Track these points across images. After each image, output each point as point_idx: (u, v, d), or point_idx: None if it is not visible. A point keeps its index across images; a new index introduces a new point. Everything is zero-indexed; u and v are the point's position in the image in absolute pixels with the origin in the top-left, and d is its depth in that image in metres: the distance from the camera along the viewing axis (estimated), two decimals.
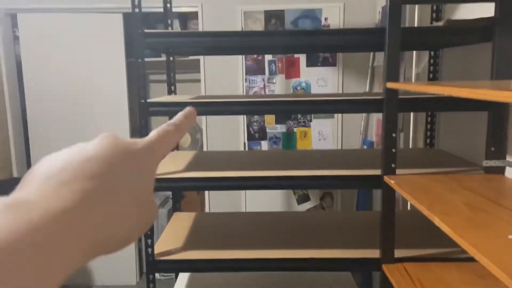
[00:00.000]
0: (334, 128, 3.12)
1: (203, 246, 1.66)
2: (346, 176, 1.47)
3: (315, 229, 1.81)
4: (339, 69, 3.07)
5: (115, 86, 3.22)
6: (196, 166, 1.71)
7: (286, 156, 1.86)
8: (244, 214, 2.06)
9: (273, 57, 3.11)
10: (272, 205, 3.21)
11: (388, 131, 1.38)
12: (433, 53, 1.91)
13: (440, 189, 1.22)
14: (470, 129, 1.67)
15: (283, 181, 1.53)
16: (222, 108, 1.52)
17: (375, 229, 1.79)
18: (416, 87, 1.15)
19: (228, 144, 3.25)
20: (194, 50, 2.07)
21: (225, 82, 3.20)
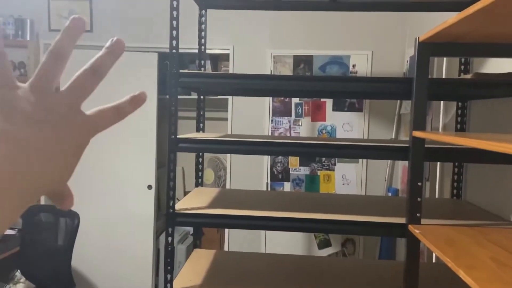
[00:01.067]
0: (358, 173, 3.11)
1: (222, 284, 1.65)
2: (369, 223, 1.46)
3: (336, 276, 1.78)
4: (365, 114, 3.09)
5: (145, 119, 3.33)
6: (218, 203, 1.73)
7: (308, 199, 1.86)
8: (264, 255, 2.04)
9: (300, 100, 3.17)
10: (292, 248, 3.17)
11: (414, 180, 1.37)
12: (461, 104, 1.91)
13: (466, 241, 1.19)
14: (498, 182, 1.64)
15: (304, 224, 1.53)
16: (247, 148, 1.55)
17: (398, 280, 1.74)
18: (442, 137, 1.16)
19: (251, 183, 3.27)
20: (224, 91, 2.15)
21: (252, 122, 3.26)
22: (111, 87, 3.32)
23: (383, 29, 3.08)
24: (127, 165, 3.35)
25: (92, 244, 3.36)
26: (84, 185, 3.37)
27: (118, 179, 3.35)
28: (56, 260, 2.48)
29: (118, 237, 3.36)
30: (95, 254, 3.37)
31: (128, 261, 3.36)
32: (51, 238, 2.57)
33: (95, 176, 3.36)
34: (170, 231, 1.55)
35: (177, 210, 1.56)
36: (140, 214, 3.35)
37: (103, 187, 3.36)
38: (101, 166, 3.36)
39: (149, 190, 3.34)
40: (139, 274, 3.36)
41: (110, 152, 3.35)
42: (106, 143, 3.36)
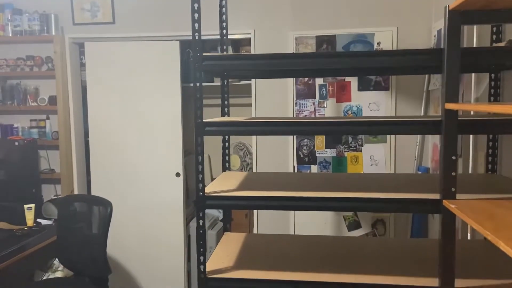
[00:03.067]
0: (386, 153, 3.05)
1: (254, 266, 1.66)
2: (402, 200, 1.43)
3: (368, 255, 1.76)
4: (392, 93, 3.02)
5: (171, 108, 3.36)
6: (246, 185, 1.73)
7: (337, 179, 1.84)
8: (295, 237, 2.04)
9: (324, 81, 3.12)
10: (321, 231, 3.15)
11: (447, 154, 1.33)
12: (494, 75, 1.84)
13: (505, 214, 1.15)
14: None
15: (334, 202, 1.51)
16: (273, 128, 1.54)
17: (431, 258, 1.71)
18: (477, 107, 1.12)
19: (277, 167, 3.26)
20: (247, 73, 2.13)
21: (276, 106, 3.24)
22: (136, 78, 3.37)
23: (408, 3, 2.98)
24: (156, 154, 3.40)
25: (125, 232, 3.45)
26: (115, 175, 3.45)
27: (147, 168, 3.41)
28: (91, 248, 2.56)
29: (150, 224, 3.43)
30: (129, 242, 3.46)
31: (160, 247, 3.44)
32: (86, 226, 2.64)
33: (125, 166, 3.43)
34: (201, 214, 1.57)
35: (207, 193, 1.57)
36: (169, 202, 3.40)
37: (133, 176, 3.43)
38: (131, 156, 3.42)
39: (177, 177, 3.39)
40: (171, 260, 3.43)
41: (139, 142, 3.41)
42: (135, 134, 3.42)
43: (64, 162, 3.50)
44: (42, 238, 2.88)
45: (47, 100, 3.53)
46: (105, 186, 3.44)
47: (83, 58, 3.56)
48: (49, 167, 3.62)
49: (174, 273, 3.43)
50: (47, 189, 3.65)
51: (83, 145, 3.63)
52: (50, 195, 3.60)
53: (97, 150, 3.45)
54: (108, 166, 3.45)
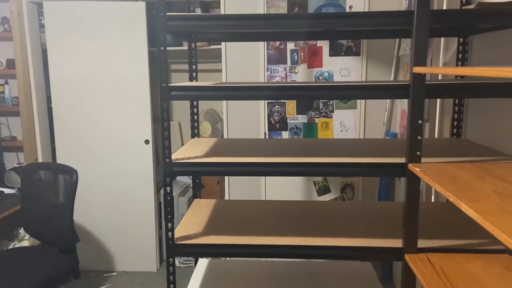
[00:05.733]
0: (356, 119, 3.07)
1: (223, 231, 1.66)
2: (369, 164, 1.44)
3: (336, 218, 1.79)
4: (363, 58, 3.01)
5: (138, 73, 3.24)
6: (216, 152, 1.70)
7: (307, 145, 1.84)
8: (265, 202, 2.05)
9: (295, 46, 3.07)
10: (292, 197, 3.19)
11: (414, 118, 1.34)
12: (462, 40, 1.84)
13: (468, 177, 1.17)
14: (498, 118, 1.61)
15: (304, 168, 1.51)
16: (244, 93, 1.50)
17: (397, 220, 1.76)
18: (443, 70, 1.11)
19: (248, 134, 3.25)
20: (216, 36, 2.05)
21: (247, 71, 3.18)
22: (100, 40, 3.21)
23: None
24: (123, 121, 3.30)
25: (94, 200, 3.39)
26: (81, 143, 3.34)
27: (115, 135, 3.32)
28: (58, 217, 2.50)
29: (119, 192, 3.38)
30: (98, 210, 3.40)
31: (131, 215, 3.40)
32: (51, 195, 2.57)
33: (92, 133, 3.32)
34: (168, 181, 1.54)
35: (174, 160, 1.54)
36: (139, 169, 3.34)
37: (101, 144, 3.33)
38: (97, 122, 3.31)
39: (146, 145, 3.32)
40: (142, 228, 3.41)
41: (105, 108, 3.29)
42: (101, 100, 3.29)
43: (26, 129, 3.35)
44: (6, 207, 2.79)
45: (4, 64, 3.34)
46: (71, 154, 3.34)
47: (42, 18, 3.35)
48: (10, 135, 3.46)
49: (145, 240, 3.43)
50: (9, 157, 3.52)
51: (46, 111, 3.48)
52: (12, 163, 3.47)
53: (61, 117, 3.32)
54: (73, 133, 3.33)
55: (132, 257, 3.45)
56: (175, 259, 2.73)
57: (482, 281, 1.18)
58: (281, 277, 1.91)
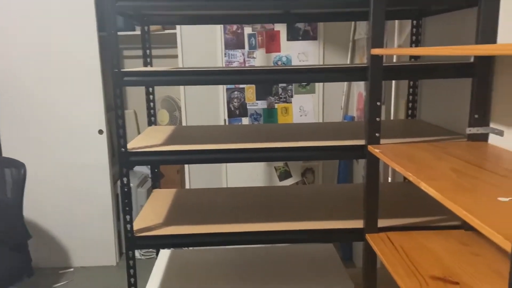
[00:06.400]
0: (315, 103, 3.09)
1: (184, 221, 1.62)
2: (330, 147, 1.44)
3: (298, 203, 1.79)
4: (320, 43, 3.02)
5: (88, 60, 3.08)
6: (175, 140, 1.65)
7: (267, 130, 1.82)
8: (226, 190, 2.02)
9: (253, 31, 3.03)
10: (253, 183, 3.19)
11: (373, 99, 1.35)
12: (416, 22, 1.88)
13: (426, 156, 1.20)
14: (450, 98, 1.66)
15: (265, 153, 1.49)
16: (201, 78, 1.45)
17: (357, 201, 1.79)
18: (400, 51, 1.12)
19: (207, 121, 3.19)
20: (170, 19, 1.97)
21: (204, 57, 3.11)
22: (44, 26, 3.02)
23: None
24: (74, 110, 3.14)
25: (46, 194, 3.22)
26: (30, 134, 3.15)
27: (66, 125, 3.15)
28: (6, 213, 2.35)
29: (73, 185, 3.23)
30: (51, 204, 3.24)
31: (86, 209, 3.27)
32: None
33: (41, 124, 3.14)
34: (125, 171, 1.47)
35: (130, 149, 1.47)
36: (94, 160, 3.21)
37: (51, 135, 3.16)
38: (46, 113, 3.13)
39: (100, 135, 3.18)
40: (100, 221, 3.29)
41: (54, 97, 3.12)
42: (49, 89, 3.11)
43: None
44: None
45: None
46: (19, 147, 3.14)
47: None
48: None
49: (103, 233, 3.31)
50: None
51: None
52: None
53: (7, 107, 3.11)
54: (21, 124, 3.13)
55: (89, 251, 3.33)
56: (135, 251, 2.66)
57: (439, 257, 1.22)
58: (244, 264, 1.90)
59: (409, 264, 1.18)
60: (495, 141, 1.33)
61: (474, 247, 1.28)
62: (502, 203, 0.81)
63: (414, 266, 1.17)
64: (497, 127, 1.32)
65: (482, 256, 1.22)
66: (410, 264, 1.18)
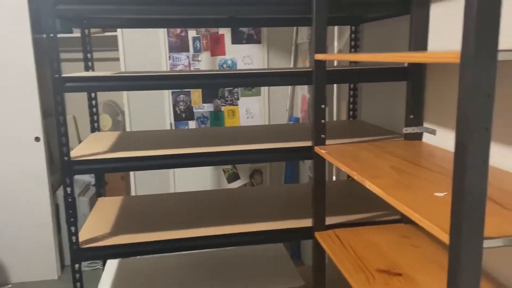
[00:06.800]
0: (261, 105, 3.14)
1: (132, 229, 1.58)
2: (279, 149, 1.48)
3: (247, 204, 1.81)
4: (264, 46, 3.07)
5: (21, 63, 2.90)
6: (120, 146, 1.60)
7: (215, 133, 1.82)
8: (173, 195, 1.99)
9: (197, 34, 3.02)
10: (202, 187, 3.17)
11: (318, 102, 1.40)
12: (354, 28, 1.97)
13: (368, 156, 1.27)
14: (388, 100, 1.76)
15: (214, 157, 1.49)
16: (145, 83, 1.42)
17: (304, 200, 1.84)
18: (344, 56, 1.18)
19: (153, 125, 3.13)
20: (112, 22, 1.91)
21: (147, 60, 3.04)
22: None
23: None
24: (7, 116, 2.94)
25: None
26: None
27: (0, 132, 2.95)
28: None
29: (7, 196, 3.02)
30: None
31: (23, 221, 3.07)
32: None
33: None
34: (68, 181, 1.40)
35: (73, 158, 1.41)
36: (30, 170, 3.02)
37: None
38: None
39: (37, 142, 3.00)
40: (38, 233, 3.10)
41: None
42: None
43: None
44: None
45: None
46: None
47: None
48: None
49: (42, 246, 3.13)
50: None
51: None
52: None
53: None
54: None
55: (28, 266, 3.13)
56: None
57: (383, 250, 1.30)
58: (195, 269, 1.89)
59: (356, 260, 1.24)
60: (429, 140, 1.44)
61: (414, 240, 1.37)
62: (438, 198, 0.88)
63: (361, 261, 1.23)
64: (430, 126, 1.43)
65: (421, 247, 1.31)
66: (357, 259, 1.24)
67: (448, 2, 1.30)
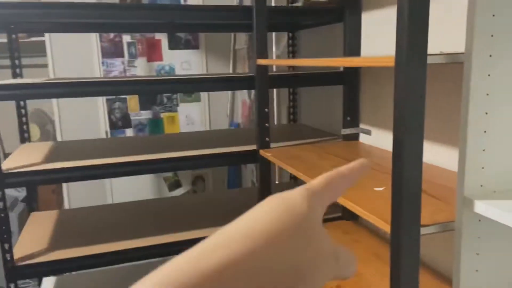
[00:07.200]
0: (201, 112, 3.12)
1: (70, 244, 1.50)
2: (223, 154, 1.48)
3: (190, 212, 1.80)
4: (202, 52, 3.06)
5: None
6: (55, 157, 1.52)
7: (154, 141, 1.79)
8: (112, 206, 1.92)
9: (132, 39, 2.94)
10: (141, 196, 3.07)
11: (261, 107, 1.43)
12: (292, 34, 2.04)
13: (311, 157, 1.32)
14: (326, 103, 1.84)
15: (153, 165, 1.46)
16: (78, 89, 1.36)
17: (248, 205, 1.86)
18: (286, 62, 1.22)
19: (86, 135, 2.98)
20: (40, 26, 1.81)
21: (79, 66, 2.90)
22: None
23: None
24: None
25: None
26: None
27: None
28: None
29: None
30: None
31: None
32: None
33: None
34: (0, 195, 1.30)
35: (5, 170, 1.31)
36: None
37: None
38: None
39: None
40: None
41: None
42: None
43: None
44: None
45: None
46: None
47: None
48: None
49: None
50: None
51: None
52: None
53: None
54: None
55: None
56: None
57: None
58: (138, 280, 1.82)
59: None
60: (365, 140, 1.52)
61: (354, 235, 1.45)
62: (378, 192, 0.93)
63: None
64: (365, 127, 1.52)
65: (362, 242, 1.39)
66: None
67: (377, 11, 1.39)
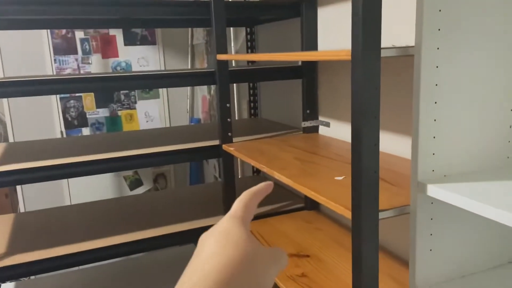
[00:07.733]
0: (160, 108, 3.08)
1: (29, 248, 1.45)
2: (186, 150, 1.48)
3: (153, 209, 1.78)
4: (159, 47, 3.02)
5: None
6: (8, 158, 1.46)
7: (112, 139, 1.75)
8: (70, 207, 1.86)
9: (86, 35, 2.84)
10: (101, 196, 3.00)
11: (223, 102, 1.44)
12: (250, 29, 2.06)
13: (272, 150, 1.34)
14: (286, 97, 1.88)
15: (112, 163, 1.43)
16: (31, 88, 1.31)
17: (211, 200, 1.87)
18: (246, 57, 1.23)
19: (41, 135, 2.87)
20: None
21: (29, 64, 2.78)
22: None
23: None
24: None
25: None
26: None
27: None
28: None
29: None
30: None
31: None
32: None
33: None
34: None
35: None
36: None
37: None
38: None
39: None
40: None
41: None
42: None
43: None
44: None
45: None
46: None
47: None
48: None
49: None
50: None
51: None
52: None
53: None
54: None
55: None
56: None
57: (291, 236, 1.39)
58: (105, 281, 1.79)
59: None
60: (324, 132, 1.57)
61: (316, 223, 1.50)
62: (338, 181, 0.98)
63: None
64: (324, 119, 1.57)
65: (324, 230, 1.44)
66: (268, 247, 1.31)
67: (332, 7, 1.44)
